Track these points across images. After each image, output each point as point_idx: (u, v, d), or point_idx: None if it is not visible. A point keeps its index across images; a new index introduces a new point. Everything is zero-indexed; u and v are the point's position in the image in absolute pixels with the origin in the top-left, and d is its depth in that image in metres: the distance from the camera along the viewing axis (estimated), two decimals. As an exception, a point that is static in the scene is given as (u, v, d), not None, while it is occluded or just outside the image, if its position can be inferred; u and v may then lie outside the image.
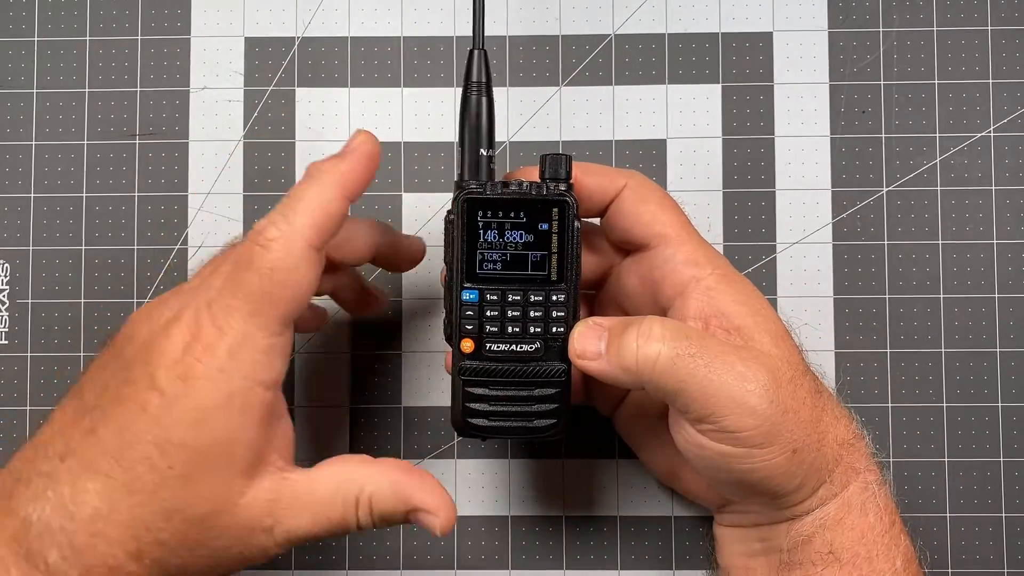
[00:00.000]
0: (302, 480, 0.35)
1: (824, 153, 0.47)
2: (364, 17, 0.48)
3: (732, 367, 0.35)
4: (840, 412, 0.38)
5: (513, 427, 0.38)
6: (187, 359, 0.33)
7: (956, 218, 0.46)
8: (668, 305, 0.38)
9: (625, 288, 0.40)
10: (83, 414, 0.34)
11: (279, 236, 0.34)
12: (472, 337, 0.37)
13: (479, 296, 0.37)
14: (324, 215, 0.34)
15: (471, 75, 0.38)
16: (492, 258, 0.37)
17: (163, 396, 0.33)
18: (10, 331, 0.47)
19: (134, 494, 0.32)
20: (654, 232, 0.38)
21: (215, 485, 0.33)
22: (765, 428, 0.35)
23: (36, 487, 0.33)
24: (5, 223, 0.47)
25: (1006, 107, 0.46)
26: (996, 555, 0.45)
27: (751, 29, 0.47)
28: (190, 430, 0.33)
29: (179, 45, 0.48)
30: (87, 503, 0.32)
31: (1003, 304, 0.46)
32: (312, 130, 0.47)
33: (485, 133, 0.37)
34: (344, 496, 0.35)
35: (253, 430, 0.34)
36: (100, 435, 0.33)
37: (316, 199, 0.35)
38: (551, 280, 0.37)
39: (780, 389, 0.35)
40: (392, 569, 0.46)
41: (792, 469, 0.36)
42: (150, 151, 0.47)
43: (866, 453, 0.38)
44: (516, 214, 0.37)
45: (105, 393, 0.34)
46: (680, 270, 0.38)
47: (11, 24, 0.48)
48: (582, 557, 0.46)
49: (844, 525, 0.37)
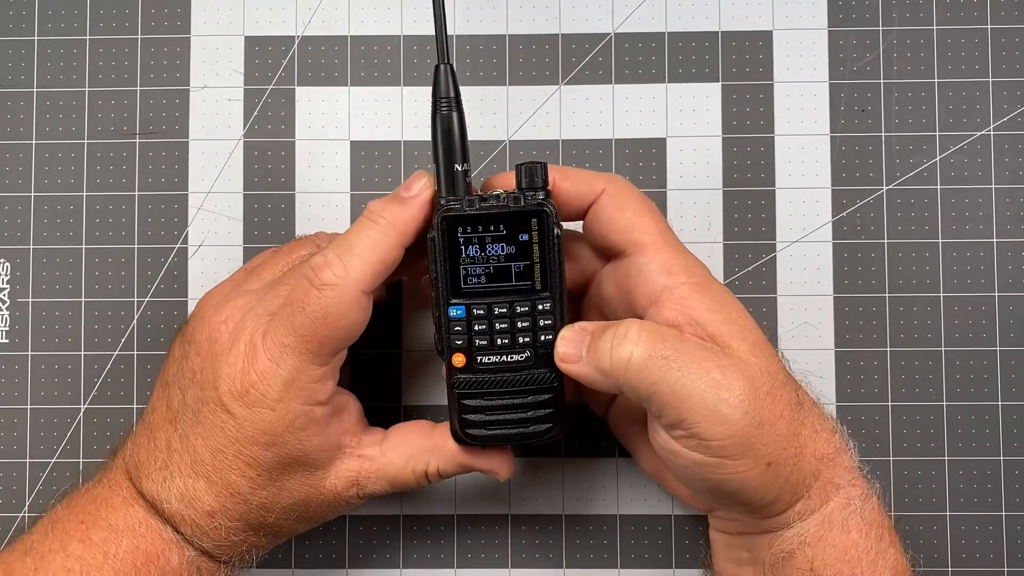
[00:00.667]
0: (377, 458, 0.39)
1: (824, 152, 0.47)
2: (364, 16, 0.48)
3: (708, 373, 0.34)
4: (821, 424, 0.38)
5: (510, 434, 0.38)
6: (247, 387, 0.36)
7: (956, 217, 0.46)
8: (643, 314, 0.38)
9: (604, 295, 0.40)
10: (174, 415, 0.38)
11: (335, 282, 0.36)
12: (463, 351, 0.38)
13: (466, 311, 0.37)
14: (380, 263, 0.36)
15: (439, 91, 0.38)
16: (476, 272, 0.37)
17: (234, 419, 0.37)
18: (10, 331, 0.47)
19: (233, 496, 0.37)
20: (630, 239, 0.38)
21: (300, 483, 0.38)
22: (738, 439, 0.34)
23: (158, 477, 0.38)
24: (5, 223, 0.47)
25: (1006, 106, 0.46)
26: (996, 555, 0.45)
27: (751, 28, 0.47)
28: (264, 450, 0.37)
29: (179, 44, 0.48)
30: (201, 499, 0.37)
31: (1003, 303, 0.46)
32: (312, 129, 0.47)
33: (459, 148, 0.37)
34: (414, 469, 0.39)
35: (319, 438, 0.37)
36: (192, 443, 0.37)
37: (374, 246, 0.36)
38: (536, 289, 0.37)
39: (757, 400, 0.35)
40: (392, 568, 0.46)
41: (767, 483, 0.35)
42: (150, 150, 0.47)
43: (849, 467, 0.37)
44: (496, 227, 0.37)
45: (185, 401, 0.38)
46: (653, 279, 0.37)
47: (11, 24, 0.48)
48: (582, 556, 0.46)
49: (825, 543, 0.36)
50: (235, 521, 0.38)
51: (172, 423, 0.38)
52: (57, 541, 0.38)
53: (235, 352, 0.37)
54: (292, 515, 0.39)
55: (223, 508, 0.38)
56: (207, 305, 0.39)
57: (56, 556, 0.37)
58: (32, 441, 0.46)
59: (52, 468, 0.46)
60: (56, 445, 0.46)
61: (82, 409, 0.46)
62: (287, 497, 0.38)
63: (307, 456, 0.38)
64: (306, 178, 0.47)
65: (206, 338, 0.38)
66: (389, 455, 0.39)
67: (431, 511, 0.46)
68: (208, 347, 0.38)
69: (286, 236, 0.47)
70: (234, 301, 0.39)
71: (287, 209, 0.47)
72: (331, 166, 0.47)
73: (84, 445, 0.46)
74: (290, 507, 0.38)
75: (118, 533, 0.38)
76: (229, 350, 0.37)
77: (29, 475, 0.46)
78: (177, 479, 0.37)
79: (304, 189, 0.47)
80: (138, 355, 0.46)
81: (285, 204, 0.47)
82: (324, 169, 0.47)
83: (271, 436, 0.37)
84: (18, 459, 0.46)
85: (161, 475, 0.38)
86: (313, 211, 0.47)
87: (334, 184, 0.47)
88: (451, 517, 0.46)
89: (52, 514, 0.39)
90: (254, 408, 0.36)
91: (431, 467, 0.39)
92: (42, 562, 0.37)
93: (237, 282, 0.40)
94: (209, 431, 0.37)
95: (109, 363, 0.46)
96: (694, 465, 0.35)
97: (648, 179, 0.47)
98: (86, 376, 0.46)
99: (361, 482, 0.39)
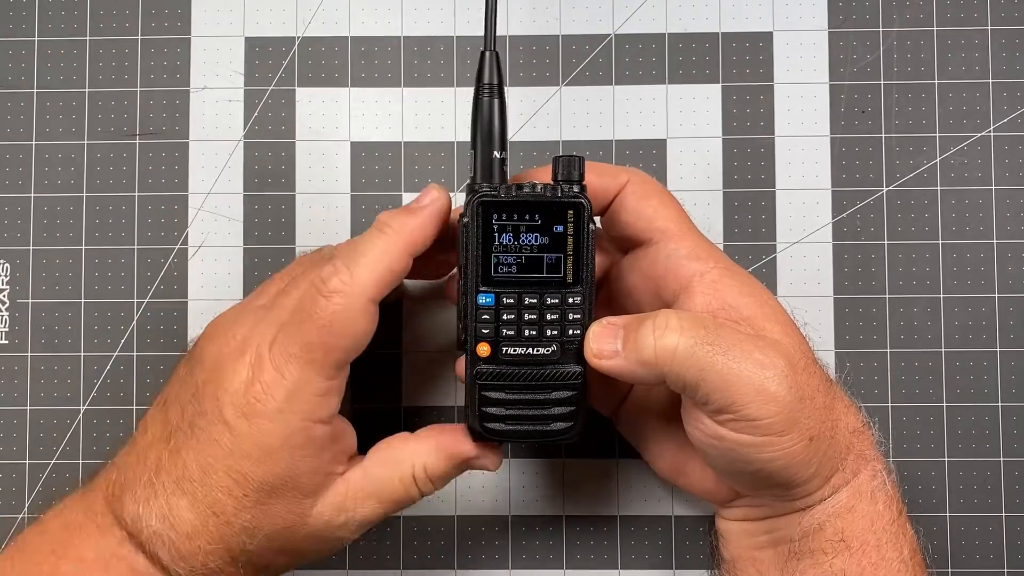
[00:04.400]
0: (358, 474, 0.38)
1: (824, 153, 0.47)
2: (364, 17, 0.48)
3: (750, 355, 0.35)
4: (849, 400, 0.39)
5: (530, 430, 0.38)
6: (249, 398, 0.36)
7: (956, 218, 0.46)
8: (672, 300, 0.38)
9: (626, 286, 0.40)
10: (169, 432, 0.37)
11: (342, 289, 0.35)
12: (488, 341, 0.37)
13: (495, 299, 0.37)
14: (387, 271, 0.36)
15: (483, 77, 0.38)
16: (507, 261, 0.37)
17: (231, 432, 0.36)
18: (10, 331, 0.47)
19: (217, 516, 0.36)
20: (656, 227, 0.39)
21: (286, 508, 0.37)
22: (785, 415, 0.35)
23: (141, 495, 0.37)
24: (5, 223, 0.47)
25: (1006, 107, 0.46)
26: (996, 555, 0.45)
27: (751, 29, 0.47)
28: (257, 465, 0.36)
29: (179, 45, 0.48)
30: (183, 519, 0.36)
31: (1003, 304, 0.46)
32: (312, 130, 0.47)
33: (498, 135, 0.37)
34: (400, 476, 0.38)
35: (313, 460, 0.37)
36: (184, 458, 0.37)
37: (381, 254, 0.36)
38: (567, 282, 0.37)
39: (797, 376, 0.35)
40: (392, 569, 0.46)
41: (808, 457, 0.36)
42: (150, 151, 0.47)
43: (873, 442, 0.39)
44: (531, 216, 0.37)
45: (184, 416, 0.37)
46: (684, 264, 0.38)
47: (11, 24, 0.48)
48: (582, 557, 0.46)
49: (855, 513, 0.37)
50: (215, 544, 0.36)
51: (165, 440, 0.37)
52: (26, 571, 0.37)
53: (241, 363, 0.36)
54: (274, 544, 0.37)
55: (204, 529, 0.36)
56: (216, 326, 0.39)
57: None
58: (32, 442, 0.46)
59: (52, 469, 0.46)
60: (56, 446, 0.46)
61: (82, 410, 0.46)
62: (271, 523, 0.37)
63: (297, 479, 0.37)
64: (306, 179, 0.47)
65: (213, 353, 0.37)
66: (371, 470, 0.38)
67: (431, 512, 0.46)
68: (214, 362, 0.37)
69: (286, 237, 0.47)
70: (242, 318, 0.38)
71: (287, 210, 0.47)
72: (331, 167, 0.47)
73: (84, 446, 0.46)
74: (273, 534, 0.37)
75: (87, 565, 0.37)
76: (236, 360, 0.37)
77: (29, 476, 0.46)
78: (161, 497, 0.36)
79: (304, 190, 0.47)
80: (138, 356, 0.46)
81: (285, 205, 0.47)
82: (324, 170, 0.47)
83: (265, 450, 0.36)
84: (18, 460, 0.46)
85: (145, 493, 0.37)
86: (313, 212, 0.47)
87: (334, 185, 0.47)
88: (451, 518, 0.46)
89: (21, 539, 0.38)
90: (253, 420, 0.36)
91: (417, 469, 0.38)
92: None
93: (245, 305, 0.40)
94: (203, 445, 0.36)
95: (109, 364, 0.46)
96: (739, 447, 0.36)
97: (648, 180, 0.47)
98: (86, 377, 0.46)
99: (348, 505, 0.38)
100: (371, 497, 0.38)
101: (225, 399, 0.36)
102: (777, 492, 0.38)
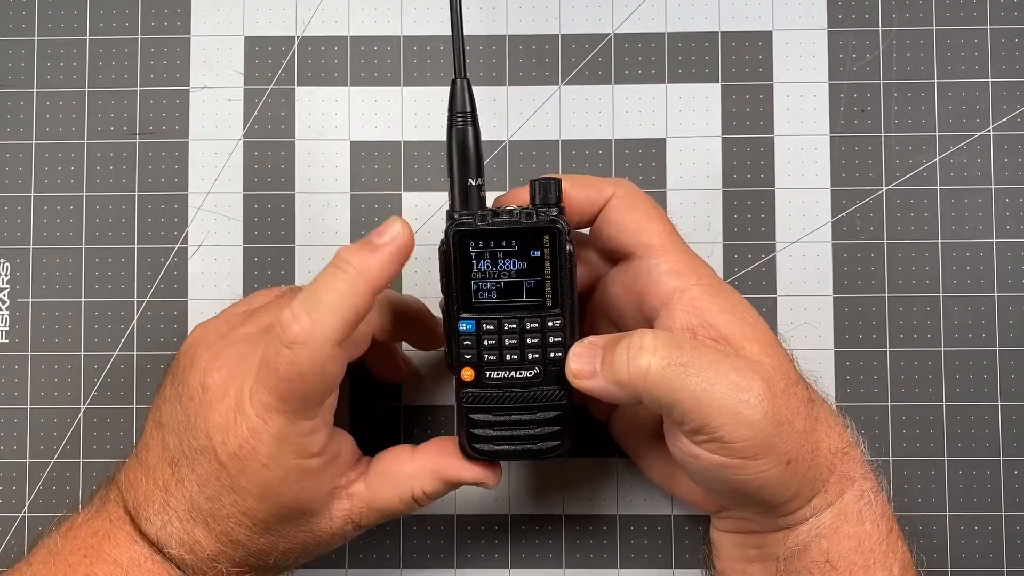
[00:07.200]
0: (363, 494, 0.39)
1: (823, 152, 0.47)
2: (364, 16, 0.48)
3: (726, 376, 0.35)
4: (834, 420, 0.38)
5: (518, 450, 0.38)
6: (240, 442, 0.36)
7: (955, 217, 0.46)
8: (654, 316, 0.38)
9: (611, 298, 0.40)
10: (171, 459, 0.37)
11: (304, 338, 0.34)
12: (471, 366, 0.38)
13: (476, 326, 0.37)
14: (350, 312, 0.35)
15: (455, 105, 0.38)
16: (487, 287, 0.37)
17: (228, 472, 0.36)
18: (10, 331, 0.47)
19: (232, 543, 0.37)
20: (639, 241, 0.38)
21: (297, 530, 0.38)
22: (760, 439, 0.34)
23: (158, 521, 0.37)
24: (5, 223, 0.47)
25: (1006, 106, 0.46)
26: (996, 555, 0.45)
27: (751, 28, 0.47)
28: (261, 502, 0.36)
29: (179, 45, 0.48)
30: (201, 546, 0.37)
31: (1003, 303, 0.46)
32: (312, 129, 0.47)
33: (473, 162, 0.37)
34: (401, 496, 0.39)
35: (315, 487, 0.37)
36: (189, 488, 0.37)
37: (342, 296, 0.35)
38: (546, 306, 0.37)
39: (775, 399, 0.35)
40: (392, 568, 0.46)
41: (786, 480, 0.36)
42: (150, 150, 0.47)
43: (861, 461, 0.38)
44: (508, 243, 0.37)
45: (181, 447, 0.37)
46: (665, 280, 0.37)
47: (11, 24, 0.48)
48: (582, 556, 0.46)
49: (840, 534, 0.37)
50: (237, 565, 0.38)
51: (170, 466, 0.37)
52: (60, 572, 0.37)
53: (226, 404, 0.36)
54: (292, 555, 0.39)
55: (223, 552, 0.37)
56: (200, 345, 0.38)
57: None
58: (32, 441, 0.46)
59: (52, 468, 0.46)
60: (56, 445, 0.46)
61: (82, 409, 0.46)
62: (286, 543, 0.38)
63: (303, 507, 0.37)
64: (306, 178, 0.47)
65: (199, 385, 0.37)
66: (374, 490, 0.39)
67: (431, 511, 0.46)
68: (200, 395, 0.37)
69: (286, 236, 0.47)
70: (228, 348, 0.38)
71: (287, 209, 0.47)
72: (331, 166, 0.47)
73: (84, 445, 0.46)
74: (289, 551, 0.38)
75: (123, 568, 0.37)
76: (220, 401, 0.36)
77: (29, 475, 0.46)
78: (176, 523, 0.37)
79: (304, 189, 0.47)
80: (138, 355, 0.46)
81: (285, 204, 0.47)
82: (324, 169, 0.47)
83: (266, 489, 0.36)
84: (18, 459, 0.46)
85: (160, 519, 0.37)
86: (313, 211, 0.47)
87: (334, 184, 0.47)
88: (451, 517, 0.46)
89: (50, 543, 0.38)
90: (247, 462, 0.36)
91: (416, 492, 0.39)
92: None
93: (232, 322, 0.39)
94: (205, 480, 0.36)
95: (109, 363, 0.46)
96: (716, 468, 0.35)
97: (648, 179, 0.47)
98: (86, 376, 0.46)
99: (353, 516, 0.39)
100: (374, 511, 0.39)
101: (217, 439, 0.36)
102: (758, 510, 0.37)
